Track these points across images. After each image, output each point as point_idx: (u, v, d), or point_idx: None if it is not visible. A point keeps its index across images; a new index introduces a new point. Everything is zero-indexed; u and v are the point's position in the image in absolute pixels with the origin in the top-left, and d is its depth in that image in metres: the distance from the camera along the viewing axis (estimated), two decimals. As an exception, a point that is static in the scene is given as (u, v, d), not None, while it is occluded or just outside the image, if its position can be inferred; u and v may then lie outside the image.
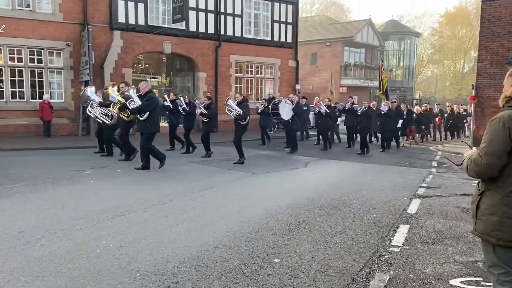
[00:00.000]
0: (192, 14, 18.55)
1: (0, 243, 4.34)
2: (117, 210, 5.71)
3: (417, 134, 17.61)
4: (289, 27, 22.13)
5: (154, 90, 22.19)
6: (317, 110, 14.41)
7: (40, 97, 15.54)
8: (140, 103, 8.87)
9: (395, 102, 16.01)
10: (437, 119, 19.58)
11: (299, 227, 5.23)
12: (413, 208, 6.41)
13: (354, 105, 14.60)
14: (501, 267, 2.53)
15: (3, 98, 15.19)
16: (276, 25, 21.60)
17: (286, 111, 13.08)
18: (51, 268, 3.78)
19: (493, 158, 2.47)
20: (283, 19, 21.83)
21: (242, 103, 10.35)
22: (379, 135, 16.20)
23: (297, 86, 22.74)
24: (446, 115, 20.03)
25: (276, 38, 21.64)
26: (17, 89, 15.48)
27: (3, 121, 14.90)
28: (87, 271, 3.74)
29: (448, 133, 20.28)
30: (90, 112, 10.70)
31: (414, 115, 16.99)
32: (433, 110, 19.92)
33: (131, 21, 17.07)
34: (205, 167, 9.84)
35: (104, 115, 10.34)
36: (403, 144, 16.19)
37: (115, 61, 16.82)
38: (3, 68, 15.12)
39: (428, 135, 19.38)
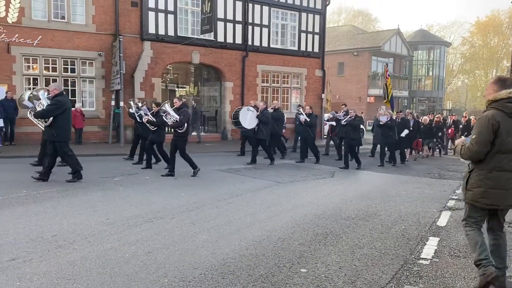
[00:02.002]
0: (220, 25, 18.81)
1: (34, 246, 4.48)
2: (146, 217, 5.81)
3: (425, 147, 15.88)
4: (316, 37, 22.13)
5: (183, 100, 22.66)
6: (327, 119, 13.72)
7: (73, 106, 15.96)
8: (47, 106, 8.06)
9: (400, 112, 14.82)
10: (449, 131, 17.89)
11: (326, 237, 5.19)
12: (443, 220, 6.27)
13: (350, 114, 12.45)
14: (472, 218, 3.71)
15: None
16: (303, 35, 21.65)
17: (248, 120, 11.95)
18: (82, 271, 3.88)
19: (480, 146, 3.49)
20: (310, 29, 21.87)
21: (180, 109, 9.51)
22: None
23: (323, 96, 22.67)
24: (461, 126, 18.21)
25: (303, 48, 21.67)
26: (51, 98, 16.00)
27: (38, 128, 15.37)
28: (117, 275, 3.81)
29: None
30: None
31: (422, 126, 15.45)
32: (447, 121, 18.32)
33: (161, 32, 17.45)
34: (231, 175, 9.90)
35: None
36: (409, 157, 14.72)
37: (145, 71, 17.19)
38: (38, 77, 15.68)
39: (441, 149, 17.44)
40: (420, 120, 15.73)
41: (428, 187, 9.26)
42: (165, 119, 9.59)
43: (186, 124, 9.41)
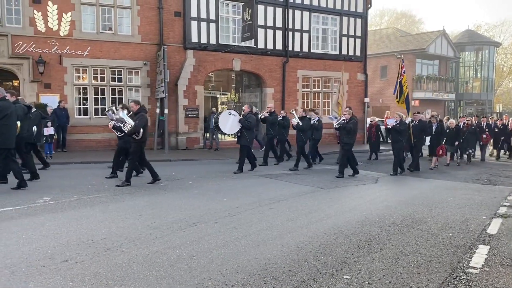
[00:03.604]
0: (260, 31, 18.98)
1: (85, 248, 4.69)
2: (190, 221, 5.95)
3: (449, 154, 14.03)
4: (358, 41, 21.86)
5: (223, 106, 23.02)
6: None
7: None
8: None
9: (418, 113, 13.25)
10: (484, 136, 15.84)
11: (370, 244, 5.11)
12: (493, 228, 6.01)
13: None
14: None
15: (87, 115, 16.47)
16: (344, 39, 21.44)
17: (230, 124, 11.43)
18: (129, 274, 4.02)
19: None
20: (351, 32, 21.63)
21: (137, 114, 9.02)
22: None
23: (366, 100, 22.31)
24: (496, 130, 16.53)
25: (344, 52, 21.46)
26: (99, 106, 16.72)
27: (87, 135, 16.13)
28: (162, 278, 3.93)
29: (495, 152, 16.66)
30: None
31: (448, 130, 13.78)
32: (481, 125, 16.19)
33: (203, 40, 17.82)
34: (272, 180, 9.94)
35: None
36: (432, 164, 13.25)
37: (188, 79, 17.61)
38: (87, 87, 16.42)
39: (470, 157, 15.15)
40: (443, 123, 14.11)
41: (477, 193, 8.89)
42: (119, 126, 9.15)
43: (142, 130, 8.90)
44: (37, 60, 15.11)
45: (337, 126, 11.25)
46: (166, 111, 15.86)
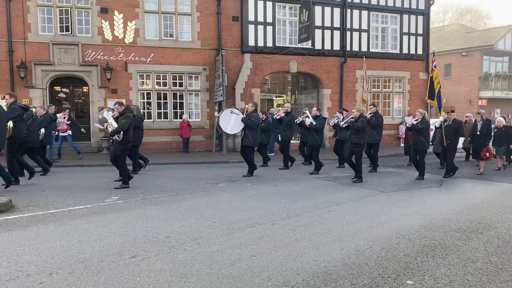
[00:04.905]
0: (318, 32, 18.87)
1: (151, 246, 4.92)
2: (249, 222, 6.04)
3: (498, 157, 12.59)
4: (420, 39, 21.07)
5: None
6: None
7: (180, 117, 17.23)
8: None
9: (452, 112, 11.56)
10: None
11: (434, 249, 4.91)
12: None
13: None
14: None
15: (151, 118, 17.21)
16: (405, 37, 20.77)
17: (232, 124, 10.72)
18: (192, 271, 4.16)
19: None
20: (412, 30, 20.90)
21: (122, 115, 8.85)
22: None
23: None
24: None
25: (405, 51, 20.78)
26: (162, 110, 17.41)
27: (150, 138, 16.85)
28: (223, 276, 4.03)
29: None
30: None
31: (496, 130, 12.41)
32: None
33: (260, 43, 18.02)
34: (331, 183, 9.83)
35: None
36: (481, 170, 11.70)
37: (245, 82, 17.88)
38: (151, 92, 17.16)
39: None
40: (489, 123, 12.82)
41: (555, 198, 8.25)
42: (102, 127, 9.13)
43: (126, 132, 8.72)
44: (105, 67, 16.03)
45: (345, 125, 10.67)
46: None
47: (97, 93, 16.35)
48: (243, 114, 10.81)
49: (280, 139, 13.55)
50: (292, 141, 13.17)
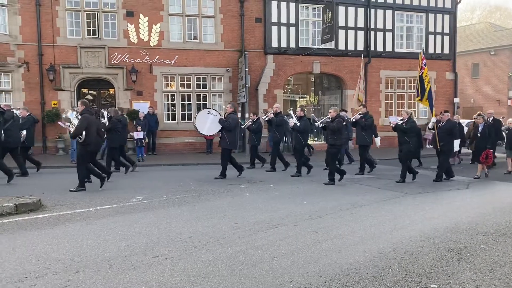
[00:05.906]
0: (341, 32, 18.72)
1: (174, 246, 4.99)
2: (270, 223, 6.05)
3: (509, 159, 11.90)
4: (446, 38, 20.64)
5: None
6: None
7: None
8: None
9: (446, 112, 10.88)
10: None
11: (460, 253, 4.82)
12: None
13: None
14: None
15: (175, 120, 17.43)
16: (431, 36, 20.38)
17: (209, 125, 10.50)
18: (214, 271, 4.20)
19: None
20: (438, 30, 20.49)
21: (81, 115, 8.60)
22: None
23: (456, 100, 20.96)
24: None
25: (431, 50, 20.38)
26: (186, 111, 17.61)
27: (174, 139, 17.07)
28: (245, 277, 4.05)
29: None
30: None
31: (507, 132, 11.82)
32: None
33: (283, 44, 18.01)
34: (354, 185, 9.74)
35: None
36: (478, 173, 11.03)
37: (268, 83, 17.90)
38: (175, 93, 17.38)
39: None
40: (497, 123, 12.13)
41: None
42: (64, 126, 9.18)
43: (86, 133, 8.45)
44: (130, 69, 16.33)
45: (321, 125, 10.24)
46: (246, 115, 16.25)
47: (123, 95, 16.67)
48: (222, 116, 10.77)
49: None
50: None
